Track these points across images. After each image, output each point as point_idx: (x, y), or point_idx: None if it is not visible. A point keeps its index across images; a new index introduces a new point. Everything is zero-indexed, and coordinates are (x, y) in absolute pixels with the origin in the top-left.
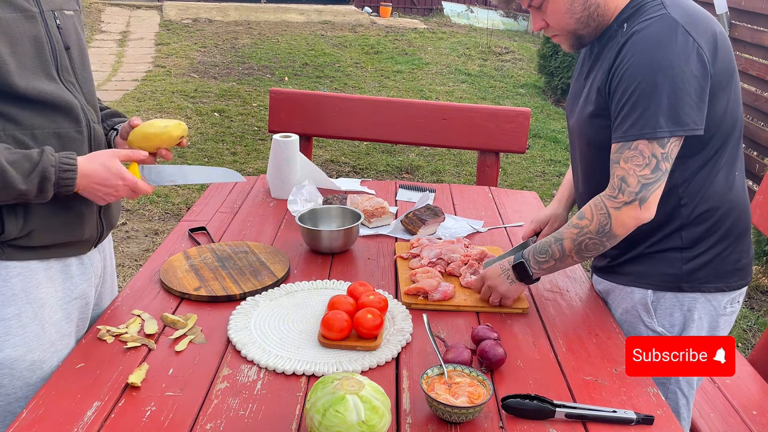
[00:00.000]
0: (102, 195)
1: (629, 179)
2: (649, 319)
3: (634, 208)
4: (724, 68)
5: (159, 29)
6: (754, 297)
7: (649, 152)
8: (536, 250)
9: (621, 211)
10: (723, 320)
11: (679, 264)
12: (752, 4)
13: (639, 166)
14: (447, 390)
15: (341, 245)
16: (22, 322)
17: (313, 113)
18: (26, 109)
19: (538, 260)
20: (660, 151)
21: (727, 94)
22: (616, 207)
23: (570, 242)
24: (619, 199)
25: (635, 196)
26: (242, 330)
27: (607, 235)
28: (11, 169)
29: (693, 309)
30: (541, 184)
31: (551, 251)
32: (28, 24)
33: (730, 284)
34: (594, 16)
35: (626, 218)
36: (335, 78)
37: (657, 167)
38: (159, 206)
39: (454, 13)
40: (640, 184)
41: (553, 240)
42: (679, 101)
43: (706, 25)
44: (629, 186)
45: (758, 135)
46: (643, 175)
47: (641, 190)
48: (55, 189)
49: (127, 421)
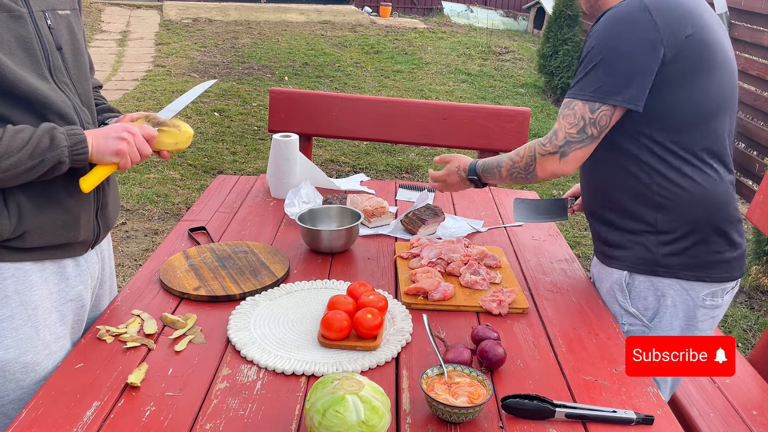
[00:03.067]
0: (115, 140)
1: (559, 133)
2: (623, 299)
3: (554, 159)
4: (696, 56)
5: (159, 29)
6: (754, 297)
7: (580, 114)
8: (485, 168)
9: (544, 158)
10: (702, 312)
11: (654, 248)
12: (752, 4)
13: (570, 125)
14: (447, 390)
15: (341, 245)
16: (15, 324)
17: (313, 113)
18: (18, 108)
19: (486, 176)
20: (589, 116)
21: (699, 82)
22: (541, 153)
23: (506, 170)
24: (546, 148)
25: (558, 149)
26: (242, 330)
27: (531, 174)
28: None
29: (666, 294)
30: (541, 183)
31: (493, 173)
32: (14, 24)
33: (710, 275)
34: None
35: (547, 165)
36: (335, 78)
37: (583, 129)
38: (159, 206)
39: (453, 12)
40: (566, 140)
41: (496, 164)
42: (615, 73)
43: (687, 14)
44: (557, 139)
45: (758, 135)
46: (570, 133)
47: (564, 145)
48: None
49: (126, 422)
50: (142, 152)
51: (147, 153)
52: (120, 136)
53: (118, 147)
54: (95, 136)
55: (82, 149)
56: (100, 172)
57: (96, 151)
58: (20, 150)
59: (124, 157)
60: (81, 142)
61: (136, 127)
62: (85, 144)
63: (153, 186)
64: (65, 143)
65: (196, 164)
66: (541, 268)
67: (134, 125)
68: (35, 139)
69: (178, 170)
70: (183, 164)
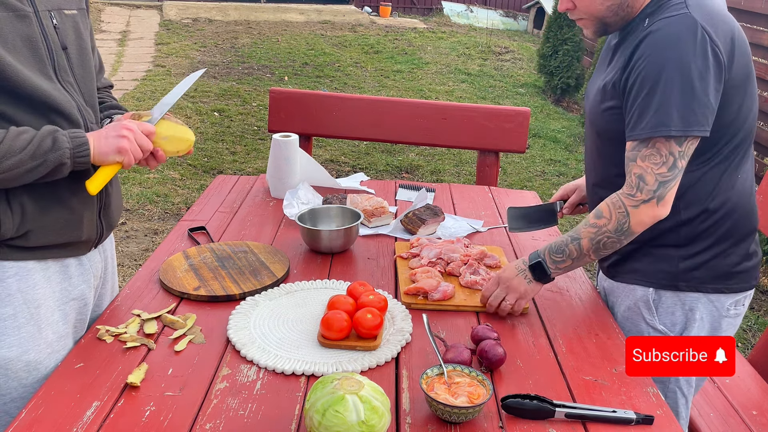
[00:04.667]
0: (115, 139)
1: (647, 177)
2: (650, 317)
3: (652, 206)
4: (741, 70)
5: (159, 29)
6: (754, 297)
7: (667, 150)
8: (552, 249)
9: (639, 209)
10: (726, 322)
11: (675, 262)
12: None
13: (656, 165)
14: (447, 390)
15: (341, 245)
16: (17, 323)
17: (312, 113)
18: (22, 108)
19: (555, 260)
20: (677, 150)
21: (741, 96)
22: (634, 205)
23: (588, 241)
24: (638, 198)
25: (653, 194)
26: (242, 330)
27: (625, 233)
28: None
29: (695, 309)
30: (541, 183)
31: (568, 251)
32: (20, 23)
33: (729, 286)
34: (624, 6)
35: (644, 216)
36: (335, 78)
37: (674, 165)
38: (159, 206)
39: (453, 12)
40: (658, 182)
41: (569, 239)
42: (695, 100)
43: (726, 26)
44: (647, 184)
45: (758, 135)
46: (661, 173)
47: (659, 188)
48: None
49: (126, 422)
50: (143, 147)
51: (148, 148)
52: (120, 134)
53: (119, 144)
54: (96, 138)
55: (84, 152)
56: (105, 172)
57: (98, 152)
58: (22, 150)
59: (126, 154)
60: (83, 145)
61: (134, 123)
62: (87, 147)
63: (153, 186)
64: (67, 145)
65: (195, 164)
66: None
67: (131, 122)
68: (37, 140)
69: (178, 170)
70: (183, 164)
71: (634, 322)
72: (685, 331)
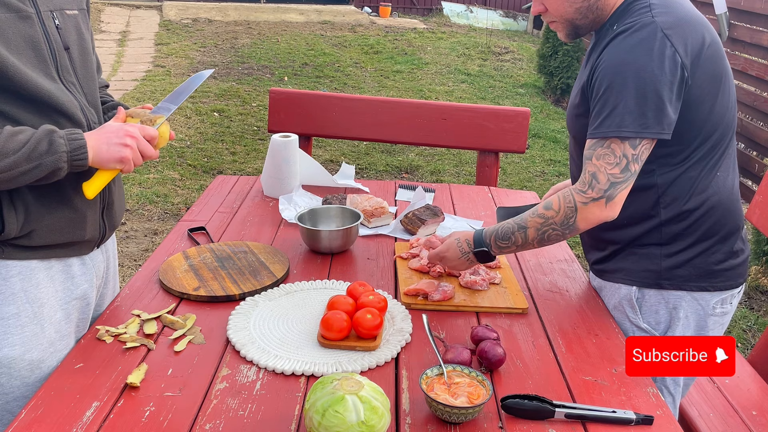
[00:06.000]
0: (117, 147)
1: (600, 176)
2: (634, 316)
3: (600, 205)
4: (710, 75)
5: (159, 29)
6: (754, 297)
7: (621, 152)
8: (498, 236)
9: (588, 207)
10: (712, 321)
11: (658, 260)
12: (751, 4)
13: (610, 165)
14: (446, 390)
15: (341, 245)
16: (20, 322)
17: (312, 113)
18: (25, 108)
19: (500, 245)
20: (631, 152)
21: (713, 97)
22: (583, 202)
23: (534, 231)
24: (588, 195)
25: (603, 194)
26: (241, 330)
27: (570, 228)
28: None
29: (679, 307)
30: (541, 183)
31: (514, 238)
32: (22, 24)
33: (714, 284)
34: (593, 9)
35: (590, 214)
36: (335, 78)
37: (627, 168)
38: (158, 206)
39: (453, 12)
40: (610, 182)
41: (516, 227)
42: (648, 104)
43: (694, 31)
44: (599, 183)
45: (758, 135)
46: (613, 174)
47: (610, 188)
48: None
49: (126, 422)
50: (145, 153)
51: (150, 154)
52: (123, 142)
53: (122, 155)
54: (96, 141)
55: (81, 155)
56: (104, 177)
57: (98, 158)
58: (16, 152)
59: (127, 163)
60: (80, 148)
61: (137, 128)
62: (84, 149)
63: (153, 186)
64: (64, 148)
65: (195, 164)
66: (541, 269)
67: (135, 127)
68: (33, 141)
69: (177, 170)
70: (182, 164)
71: (619, 321)
72: (669, 330)
